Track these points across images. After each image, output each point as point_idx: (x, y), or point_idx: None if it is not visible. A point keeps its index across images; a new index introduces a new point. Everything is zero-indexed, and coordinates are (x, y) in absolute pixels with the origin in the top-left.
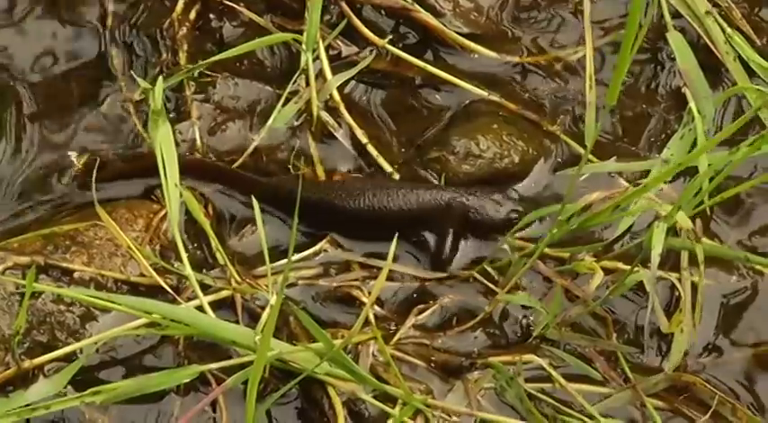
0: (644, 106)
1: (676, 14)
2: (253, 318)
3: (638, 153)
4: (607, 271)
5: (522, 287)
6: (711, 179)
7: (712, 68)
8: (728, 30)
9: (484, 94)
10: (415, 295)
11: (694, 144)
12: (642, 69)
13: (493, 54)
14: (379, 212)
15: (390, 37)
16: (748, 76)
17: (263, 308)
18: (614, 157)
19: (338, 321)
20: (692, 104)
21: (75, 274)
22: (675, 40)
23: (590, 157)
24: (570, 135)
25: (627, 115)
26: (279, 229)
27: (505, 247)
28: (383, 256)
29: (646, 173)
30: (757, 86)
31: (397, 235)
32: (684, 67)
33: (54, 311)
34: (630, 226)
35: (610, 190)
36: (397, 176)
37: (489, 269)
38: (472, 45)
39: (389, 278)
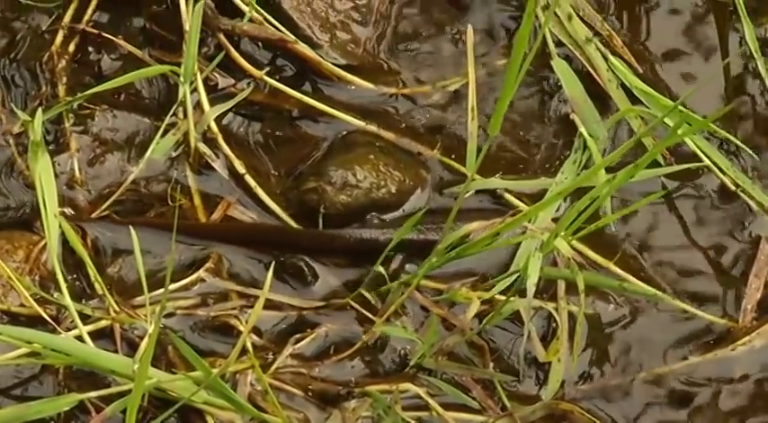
0: (533, 134)
1: (559, 43)
2: (132, 347)
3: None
4: (485, 301)
5: (402, 314)
6: (585, 208)
7: (597, 96)
8: (610, 57)
9: (361, 124)
10: (293, 324)
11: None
12: (529, 97)
13: (370, 85)
14: None
15: (268, 69)
16: (632, 104)
17: (141, 337)
18: (499, 173)
19: (216, 351)
20: (582, 129)
21: None
22: (560, 67)
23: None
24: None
25: (516, 144)
26: (158, 259)
27: (384, 274)
28: (262, 285)
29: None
30: (638, 108)
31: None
32: (572, 94)
33: None
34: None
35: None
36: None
37: (368, 296)
38: (349, 76)
39: (268, 307)
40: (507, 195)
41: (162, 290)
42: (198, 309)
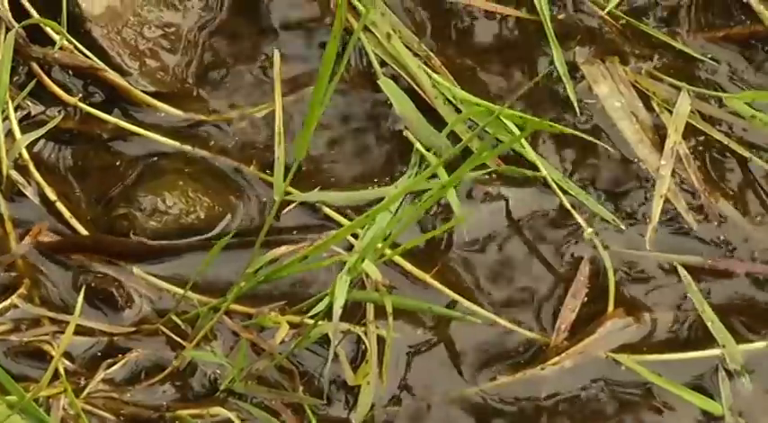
0: (367, 154)
1: (383, 63)
2: None
3: None
4: (296, 324)
5: (213, 338)
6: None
7: (426, 113)
8: (434, 75)
9: (175, 146)
10: (105, 349)
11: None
12: (362, 117)
13: (179, 112)
14: None
15: (80, 96)
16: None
17: None
18: (318, 188)
19: (30, 376)
20: (417, 144)
21: None
22: (387, 86)
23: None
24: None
25: (349, 165)
26: None
27: (194, 299)
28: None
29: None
30: (464, 115)
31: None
32: (402, 111)
33: None
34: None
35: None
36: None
37: (178, 321)
38: (158, 104)
39: (80, 333)
40: (328, 210)
41: None
42: (11, 334)
